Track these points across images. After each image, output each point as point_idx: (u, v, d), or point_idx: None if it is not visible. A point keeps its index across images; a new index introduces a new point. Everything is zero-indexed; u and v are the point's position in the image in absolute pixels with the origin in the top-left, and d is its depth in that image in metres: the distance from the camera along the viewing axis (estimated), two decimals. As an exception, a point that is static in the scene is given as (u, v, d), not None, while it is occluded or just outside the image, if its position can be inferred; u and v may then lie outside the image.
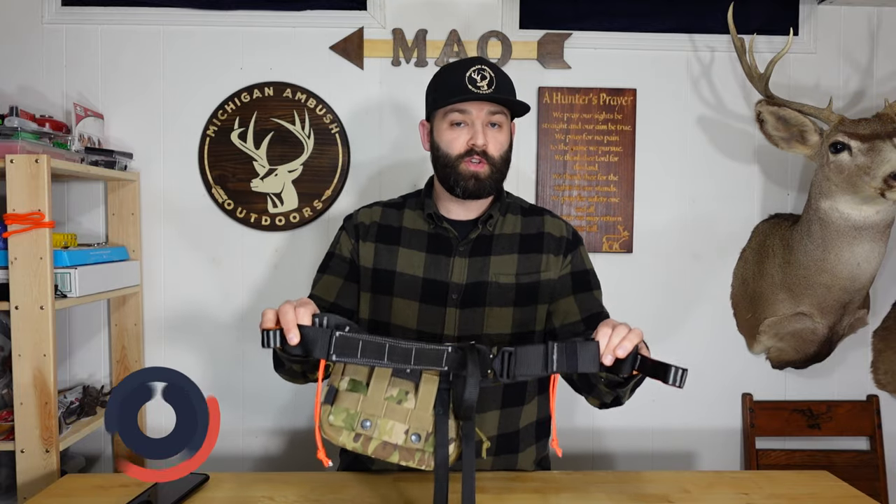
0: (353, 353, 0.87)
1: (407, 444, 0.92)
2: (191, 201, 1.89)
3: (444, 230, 1.25)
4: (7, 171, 1.39)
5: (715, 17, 1.87)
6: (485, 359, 0.90)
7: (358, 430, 0.91)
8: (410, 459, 0.92)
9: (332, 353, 0.86)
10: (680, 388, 0.86)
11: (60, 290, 1.50)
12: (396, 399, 0.93)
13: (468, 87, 1.15)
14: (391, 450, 0.92)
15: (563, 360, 0.90)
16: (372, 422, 0.92)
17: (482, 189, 1.19)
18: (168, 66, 1.88)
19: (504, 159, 1.21)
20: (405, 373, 0.94)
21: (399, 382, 0.94)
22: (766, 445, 1.94)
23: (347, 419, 0.91)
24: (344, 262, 1.29)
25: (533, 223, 1.29)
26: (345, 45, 1.87)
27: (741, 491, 1.17)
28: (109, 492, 1.13)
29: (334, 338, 0.86)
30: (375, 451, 0.92)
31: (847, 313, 1.77)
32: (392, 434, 0.92)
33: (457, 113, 1.18)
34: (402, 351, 0.89)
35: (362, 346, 0.87)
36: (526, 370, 0.90)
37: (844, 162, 1.56)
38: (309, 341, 0.86)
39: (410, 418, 0.92)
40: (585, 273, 1.28)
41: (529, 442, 1.28)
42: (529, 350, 0.90)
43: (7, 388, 1.63)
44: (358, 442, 0.92)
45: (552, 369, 0.90)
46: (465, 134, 1.18)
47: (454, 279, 1.22)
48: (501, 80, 1.19)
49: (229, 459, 1.92)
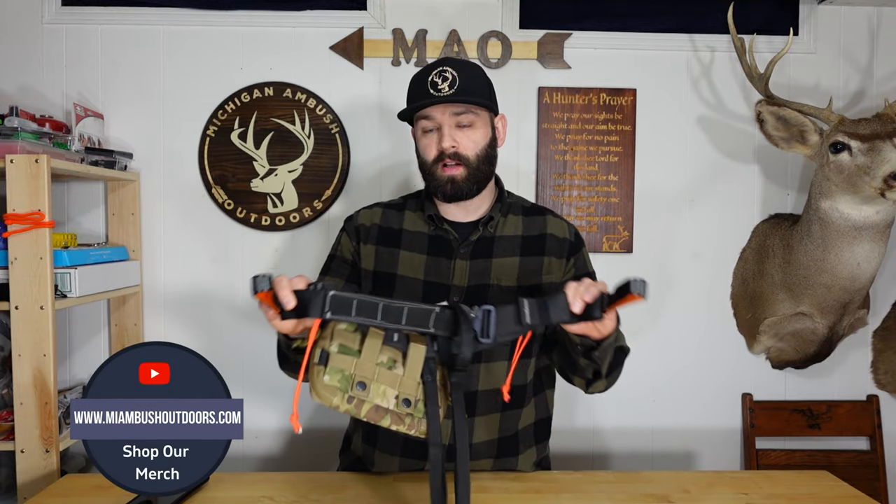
0: (348, 311, 0.89)
1: (398, 409, 0.93)
2: (191, 201, 1.89)
3: (445, 232, 1.24)
4: (7, 171, 1.39)
5: (715, 17, 1.87)
6: (467, 318, 0.92)
7: (352, 393, 0.91)
8: (401, 424, 0.93)
9: (326, 310, 0.88)
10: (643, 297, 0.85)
11: (60, 290, 1.50)
12: (386, 365, 0.93)
13: (429, 91, 1.16)
14: (383, 413, 0.92)
15: (536, 313, 0.92)
16: (366, 384, 0.92)
17: (459, 192, 1.19)
18: (168, 66, 1.88)
19: (482, 157, 1.20)
20: (393, 340, 0.94)
21: (388, 350, 0.94)
22: (766, 445, 1.94)
23: (343, 380, 0.91)
24: (345, 263, 1.29)
25: (535, 224, 1.28)
26: (345, 45, 1.87)
27: (741, 491, 1.17)
28: (109, 492, 1.13)
29: (328, 296, 0.88)
30: (368, 413, 0.92)
31: (847, 313, 1.77)
32: (384, 398, 0.92)
33: (424, 120, 1.20)
34: (395, 310, 0.91)
35: (356, 304, 0.89)
36: (504, 328, 0.92)
37: (844, 162, 1.55)
38: (304, 303, 0.88)
39: (400, 384, 0.93)
40: (588, 276, 1.28)
41: (529, 444, 1.28)
42: (505, 308, 0.93)
43: (7, 388, 1.63)
44: (351, 404, 0.91)
45: (525, 322, 0.92)
46: (436, 139, 1.19)
47: (455, 282, 1.22)
48: (465, 79, 1.17)
49: (229, 459, 1.92)
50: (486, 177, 1.22)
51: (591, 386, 1.18)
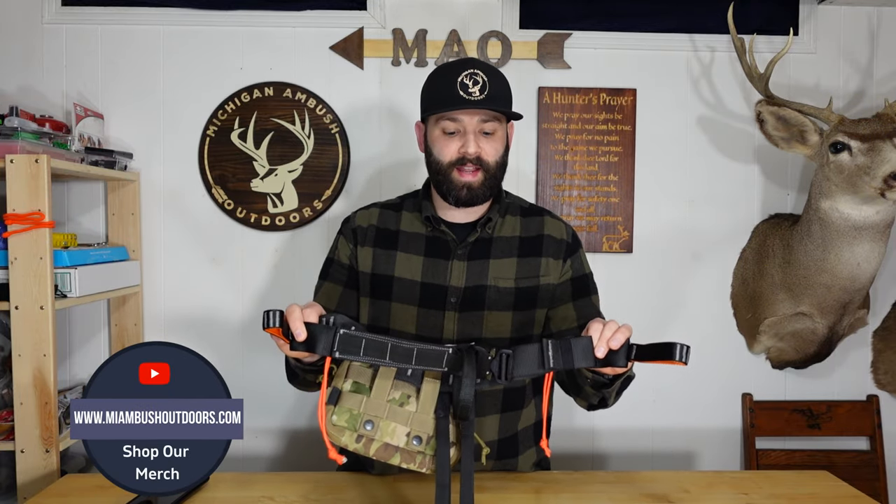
0: (356, 350, 0.88)
1: (408, 447, 0.92)
2: (191, 201, 1.89)
3: (443, 233, 1.24)
4: (7, 171, 1.39)
5: (715, 17, 1.87)
6: (483, 360, 0.91)
7: (361, 431, 0.92)
8: (412, 462, 0.93)
9: (335, 349, 0.87)
10: (685, 364, 0.86)
11: (60, 290, 1.50)
12: (399, 402, 0.93)
13: (460, 93, 1.13)
14: (392, 451, 0.93)
15: (559, 357, 0.91)
16: (374, 423, 0.92)
17: (475, 198, 1.18)
18: (168, 66, 1.88)
19: (499, 165, 1.20)
20: (407, 375, 0.94)
21: (401, 385, 0.94)
22: (766, 445, 1.94)
23: (350, 420, 0.92)
24: (343, 268, 1.29)
25: (532, 225, 1.28)
26: (345, 45, 1.87)
27: (741, 491, 1.17)
28: (109, 492, 1.13)
29: (338, 335, 0.88)
30: (377, 452, 0.92)
31: (847, 313, 1.77)
32: (394, 436, 0.92)
33: (448, 121, 1.17)
34: (404, 351, 0.90)
35: (365, 344, 0.89)
36: (524, 370, 0.92)
37: (844, 162, 1.55)
38: (313, 337, 0.88)
39: (412, 421, 0.93)
40: (585, 278, 1.27)
41: (528, 444, 1.28)
42: (526, 349, 0.92)
43: (7, 388, 1.63)
44: (360, 443, 0.92)
45: (549, 366, 0.91)
46: (457, 142, 1.17)
47: (453, 283, 1.21)
48: (495, 85, 1.15)
49: (229, 459, 1.92)
50: (498, 184, 1.22)
51: (593, 409, 1.18)
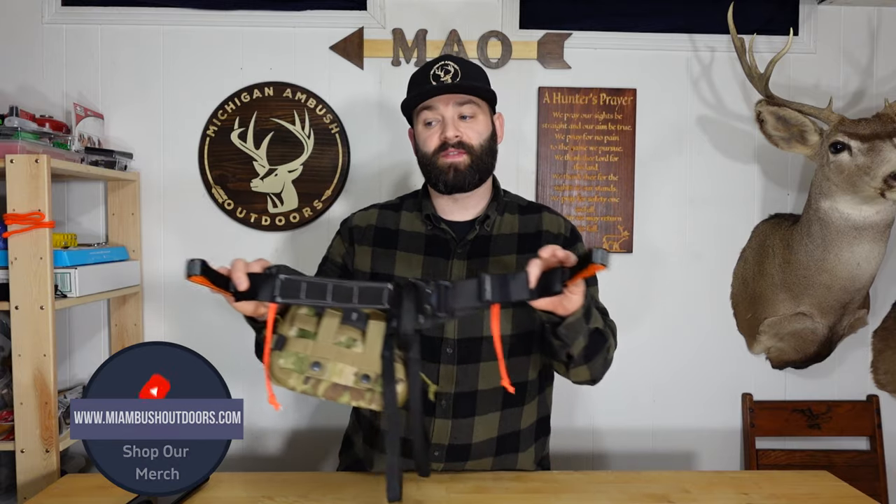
0: (297, 294, 0.90)
1: (357, 385, 0.93)
2: (191, 201, 1.89)
3: (442, 231, 1.25)
4: (7, 171, 1.39)
5: (715, 17, 1.87)
6: (422, 294, 0.92)
7: (308, 373, 0.92)
8: (360, 399, 0.93)
9: (276, 294, 0.90)
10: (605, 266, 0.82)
11: (60, 290, 1.50)
12: (345, 344, 0.94)
13: (432, 83, 1.18)
14: (341, 391, 0.93)
15: (497, 290, 0.91)
16: (322, 364, 0.92)
17: (462, 180, 1.18)
18: (168, 66, 1.88)
19: (486, 148, 1.21)
20: (352, 319, 0.95)
21: (347, 330, 0.95)
22: (766, 445, 1.94)
23: (297, 362, 0.92)
24: (335, 266, 1.30)
25: (531, 221, 1.29)
26: (345, 45, 1.87)
27: (741, 491, 1.17)
28: (109, 492, 1.13)
29: (278, 280, 0.90)
30: (325, 392, 0.93)
31: (847, 313, 1.77)
32: (342, 376, 0.93)
33: (427, 111, 1.20)
34: (345, 290, 0.92)
35: (306, 287, 0.91)
36: (462, 302, 0.92)
37: (844, 162, 1.55)
38: (255, 286, 0.90)
39: (359, 361, 0.93)
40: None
41: (529, 442, 1.28)
42: (465, 283, 0.92)
43: (7, 388, 1.63)
44: (308, 384, 0.92)
45: (486, 298, 0.91)
46: (438, 130, 1.20)
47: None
48: (467, 72, 1.19)
49: (229, 459, 1.92)
50: (487, 168, 1.22)
51: (571, 371, 1.14)
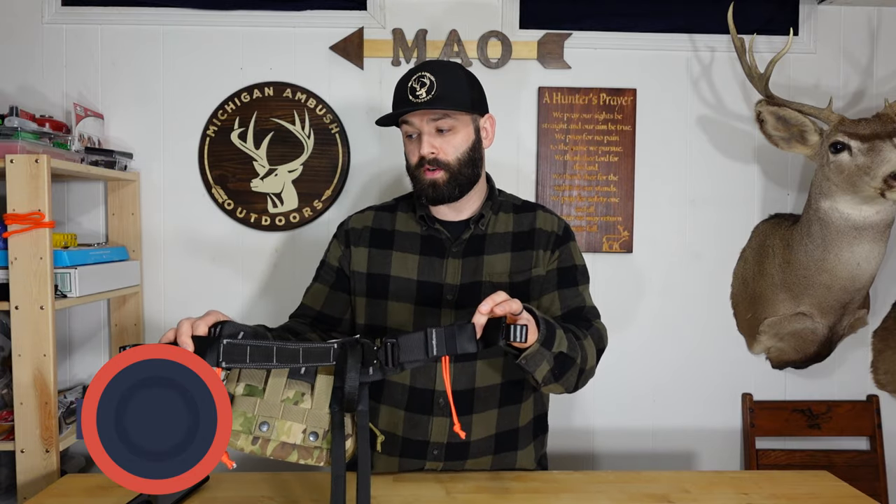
0: (242, 358, 0.90)
1: (305, 443, 0.93)
2: (191, 201, 1.89)
3: (437, 231, 1.25)
4: (7, 171, 1.39)
5: (715, 17, 1.87)
6: (368, 352, 0.92)
7: (256, 433, 0.92)
8: (309, 457, 0.93)
9: (221, 360, 0.89)
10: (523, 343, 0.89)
11: (60, 290, 1.50)
12: (293, 400, 0.93)
13: (408, 97, 1.16)
14: (290, 449, 0.92)
15: (443, 344, 0.91)
16: (269, 423, 0.92)
17: (441, 195, 1.19)
18: (168, 66, 1.88)
19: (464, 161, 1.19)
20: (300, 374, 0.95)
21: (295, 384, 0.94)
22: (766, 445, 1.94)
23: (245, 423, 0.92)
24: (332, 270, 1.31)
25: (525, 220, 1.29)
26: (345, 45, 1.87)
27: (741, 491, 1.17)
28: (109, 492, 1.13)
29: (222, 345, 0.90)
30: (274, 451, 0.92)
31: (847, 313, 1.77)
32: (290, 434, 0.92)
33: (406, 126, 1.21)
34: (290, 352, 0.91)
35: (250, 350, 0.90)
36: (410, 356, 0.92)
37: (844, 162, 1.55)
38: (200, 351, 0.89)
39: (307, 418, 0.93)
40: (573, 269, 1.27)
41: (528, 440, 1.28)
42: (411, 338, 0.92)
43: (7, 388, 1.63)
44: (256, 444, 0.92)
45: (433, 354, 0.92)
46: (417, 145, 1.20)
47: (448, 280, 1.22)
48: (443, 82, 1.15)
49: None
50: (468, 180, 1.22)
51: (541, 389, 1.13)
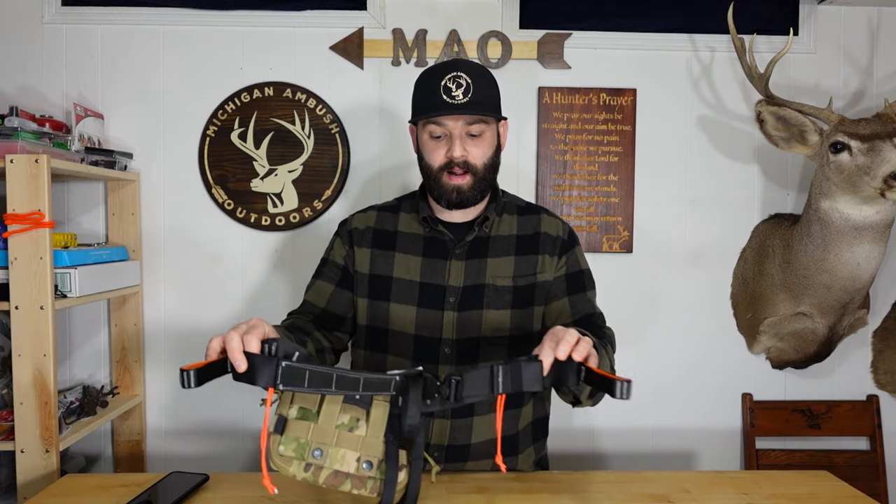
0: (300, 382, 0.86)
1: (359, 472, 0.90)
2: (191, 201, 1.89)
3: (440, 233, 1.25)
4: (7, 171, 1.39)
5: (715, 17, 1.87)
6: (431, 385, 0.90)
7: (309, 460, 0.89)
8: (362, 488, 0.90)
9: (278, 382, 0.85)
10: (626, 399, 0.86)
11: (60, 290, 1.50)
12: (348, 426, 0.91)
13: (443, 98, 1.13)
14: (343, 478, 0.90)
15: (508, 382, 0.89)
16: (323, 450, 0.89)
17: (465, 201, 1.19)
18: (168, 66, 1.88)
19: (489, 166, 1.19)
20: (355, 399, 0.92)
21: (350, 409, 0.92)
22: (766, 445, 1.94)
23: (298, 449, 0.89)
24: (337, 268, 1.29)
25: (529, 223, 1.28)
26: (345, 45, 1.87)
27: (741, 491, 1.17)
28: (109, 492, 1.13)
29: (280, 367, 0.85)
30: (327, 479, 0.89)
31: (847, 313, 1.77)
32: (344, 462, 0.90)
33: (434, 125, 1.17)
34: (350, 381, 0.88)
35: (309, 375, 0.87)
36: (473, 391, 0.90)
37: (844, 162, 1.55)
38: (254, 369, 0.85)
39: (362, 446, 0.90)
40: (580, 274, 1.27)
41: (528, 443, 1.28)
42: (476, 374, 0.90)
43: (7, 388, 1.63)
44: (308, 472, 0.89)
45: (498, 391, 0.89)
46: (444, 146, 1.17)
47: (451, 282, 1.22)
48: (480, 86, 1.14)
49: (230, 459, 1.92)
50: (489, 185, 1.22)
51: (578, 406, 1.15)
